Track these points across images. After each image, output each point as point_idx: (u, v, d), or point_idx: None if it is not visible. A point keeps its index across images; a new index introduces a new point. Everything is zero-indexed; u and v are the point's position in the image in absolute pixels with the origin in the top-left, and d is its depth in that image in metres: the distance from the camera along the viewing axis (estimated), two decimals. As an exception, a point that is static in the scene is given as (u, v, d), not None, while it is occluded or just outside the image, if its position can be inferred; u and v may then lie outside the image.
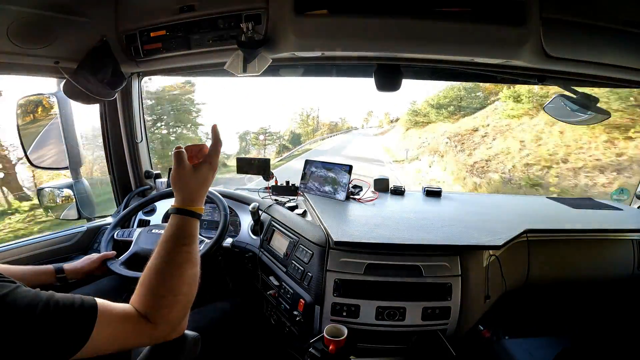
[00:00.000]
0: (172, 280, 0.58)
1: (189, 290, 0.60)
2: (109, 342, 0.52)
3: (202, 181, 0.66)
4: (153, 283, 0.58)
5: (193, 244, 0.63)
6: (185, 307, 0.60)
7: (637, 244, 1.34)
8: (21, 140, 1.33)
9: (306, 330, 1.06)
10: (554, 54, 0.98)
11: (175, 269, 0.59)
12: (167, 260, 0.60)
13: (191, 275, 0.61)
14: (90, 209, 1.53)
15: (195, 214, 0.65)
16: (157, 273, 0.59)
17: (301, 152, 24.52)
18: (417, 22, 0.93)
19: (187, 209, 0.65)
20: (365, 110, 50.19)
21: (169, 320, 0.57)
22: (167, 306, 0.57)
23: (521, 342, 1.31)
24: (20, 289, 0.47)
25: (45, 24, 1.03)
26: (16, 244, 1.26)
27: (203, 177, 0.66)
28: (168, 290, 0.58)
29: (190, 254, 0.62)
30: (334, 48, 1.03)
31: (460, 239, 1.07)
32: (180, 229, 0.63)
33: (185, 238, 0.62)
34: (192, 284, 0.61)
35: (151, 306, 0.56)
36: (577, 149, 8.37)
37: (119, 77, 1.27)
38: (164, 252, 0.61)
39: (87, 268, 1.08)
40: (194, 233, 0.64)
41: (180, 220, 0.64)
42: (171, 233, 0.63)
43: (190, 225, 0.64)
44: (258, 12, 1.02)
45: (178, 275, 0.59)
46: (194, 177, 0.66)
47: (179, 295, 0.58)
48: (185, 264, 0.60)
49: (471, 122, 14.04)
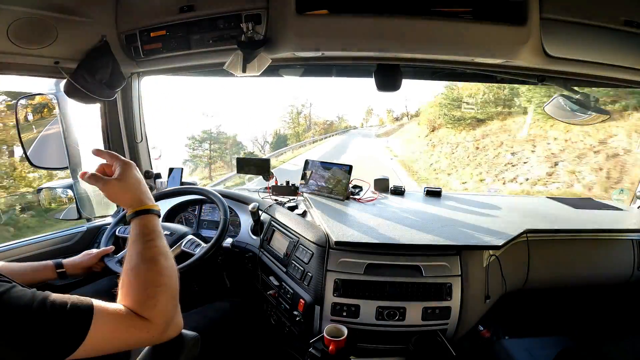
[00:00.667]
0: (148, 273, 0.60)
1: (168, 281, 0.61)
2: (106, 341, 0.52)
3: (131, 182, 0.68)
4: (132, 280, 0.59)
5: (158, 238, 0.65)
6: (173, 298, 0.61)
7: (637, 244, 1.34)
8: (21, 140, 1.33)
9: (306, 330, 1.06)
10: (554, 53, 0.98)
11: (149, 263, 0.61)
12: (140, 258, 0.61)
13: (167, 267, 0.63)
14: (90, 209, 1.53)
15: (148, 211, 0.68)
16: (132, 270, 0.60)
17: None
18: (417, 22, 0.93)
19: (138, 210, 0.67)
20: (364, 107, 44.96)
21: (160, 310, 0.58)
22: (152, 296, 0.58)
23: (521, 342, 1.31)
24: (16, 288, 0.48)
25: (45, 24, 1.03)
26: (16, 243, 1.26)
27: (128, 179, 0.68)
28: (149, 282, 0.59)
29: (159, 248, 0.64)
30: (334, 48, 1.03)
31: (460, 239, 1.07)
32: (142, 228, 0.65)
33: (149, 234, 0.65)
34: (170, 275, 0.62)
35: (137, 300, 0.57)
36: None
37: (118, 77, 1.27)
38: (134, 251, 0.63)
39: (85, 263, 1.09)
40: (156, 229, 0.67)
41: (139, 220, 0.66)
42: (135, 234, 0.65)
43: (150, 222, 0.67)
44: (258, 12, 1.02)
45: (153, 268, 0.61)
46: (122, 185, 0.67)
47: (160, 286, 0.59)
48: (157, 257, 0.62)
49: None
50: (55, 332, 0.46)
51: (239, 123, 33.97)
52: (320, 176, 1.50)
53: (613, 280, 1.35)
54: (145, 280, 0.59)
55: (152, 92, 2.69)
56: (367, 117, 42.05)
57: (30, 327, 0.45)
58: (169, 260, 0.65)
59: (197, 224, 1.58)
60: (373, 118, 41.69)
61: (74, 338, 0.48)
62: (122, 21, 1.17)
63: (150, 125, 1.67)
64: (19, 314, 0.45)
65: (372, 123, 41.05)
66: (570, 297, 1.48)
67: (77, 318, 0.49)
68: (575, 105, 1.21)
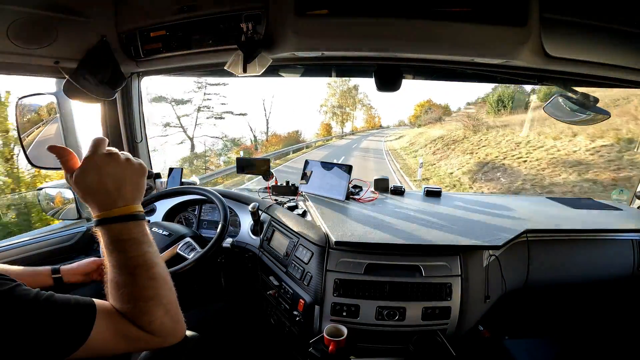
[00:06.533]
0: (131, 288, 0.53)
1: (156, 293, 0.54)
2: (107, 342, 0.51)
3: (94, 182, 0.53)
4: (114, 293, 0.53)
5: (135, 247, 0.54)
6: (168, 311, 0.55)
7: (637, 244, 1.34)
8: (21, 139, 1.33)
9: (306, 330, 1.06)
10: (554, 54, 0.98)
11: (128, 277, 0.53)
12: (117, 272, 0.53)
13: (152, 277, 0.54)
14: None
15: (116, 218, 0.53)
16: (112, 282, 0.54)
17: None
18: (417, 22, 0.93)
19: (102, 217, 0.54)
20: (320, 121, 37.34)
21: (157, 326, 0.53)
22: (145, 312, 0.52)
23: (521, 342, 1.31)
24: (21, 287, 0.48)
25: (45, 24, 1.03)
26: (16, 243, 1.26)
27: (89, 178, 0.53)
28: (134, 297, 0.53)
29: (137, 259, 0.53)
30: (334, 48, 1.03)
31: (460, 239, 1.07)
32: (110, 239, 0.53)
33: (119, 245, 0.53)
34: (157, 287, 0.54)
35: (130, 314, 0.52)
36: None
37: (118, 77, 1.27)
38: (109, 263, 0.54)
39: (82, 269, 1.06)
40: (130, 237, 0.54)
41: (103, 231, 0.54)
42: (104, 246, 0.54)
43: (118, 231, 0.53)
44: (258, 13, 1.02)
45: (135, 282, 0.53)
46: (80, 182, 0.53)
47: (150, 300, 0.53)
48: (136, 270, 0.53)
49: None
50: (58, 330, 0.46)
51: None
52: (320, 176, 1.50)
53: (613, 280, 1.35)
54: (128, 292, 0.53)
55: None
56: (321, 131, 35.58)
57: (35, 324, 0.45)
58: (153, 268, 0.55)
59: (197, 224, 1.58)
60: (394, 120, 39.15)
61: (76, 336, 0.47)
62: (122, 21, 1.16)
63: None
64: (23, 310, 0.45)
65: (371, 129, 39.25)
66: (570, 297, 1.48)
67: (80, 316, 0.49)
68: (575, 105, 1.21)
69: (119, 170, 0.55)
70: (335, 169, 1.47)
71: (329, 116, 35.84)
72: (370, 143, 26.07)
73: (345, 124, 37.01)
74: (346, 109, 36.25)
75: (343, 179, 1.44)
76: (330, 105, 35.74)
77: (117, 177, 0.54)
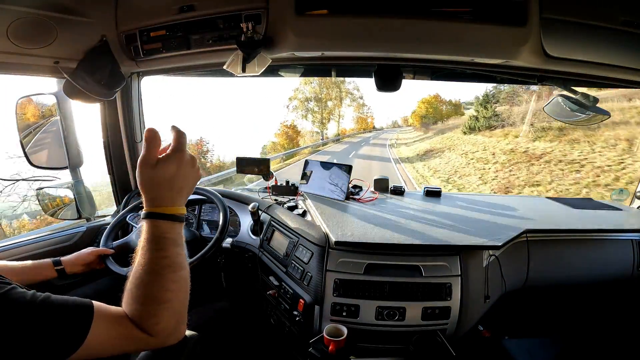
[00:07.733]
0: (152, 288, 0.54)
1: (174, 297, 0.56)
2: (105, 344, 0.51)
3: (168, 178, 0.56)
4: (134, 292, 0.55)
5: (172, 247, 0.57)
6: (177, 314, 0.56)
7: (637, 244, 1.34)
8: (20, 139, 1.33)
9: (306, 330, 1.06)
10: (554, 54, 0.98)
11: (153, 276, 0.55)
12: (146, 269, 0.55)
13: (175, 280, 0.56)
14: (90, 209, 1.53)
15: (167, 216, 0.57)
16: (136, 280, 0.55)
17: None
18: (417, 22, 0.93)
19: (155, 211, 0.57)
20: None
21: (162, 328, 0.54)
22: (154, 314, 0.54)
23: (521, 342, 1.31)
24: (16, 289, 0.47)
25: (45, 24, 1.02)
26: (16, 243, 1.26)
27: (168, 172, 0.56)
28: (151, 299, 0.54)
29: (169, 259, 0.56)
30: (334, 48, 1.03)
31: (460, 239, 1.07)
32: (152, 235, 0.56)
33: (159, 243, 0.56)
34: (176, 290, 0.56)
35: (138, 316, 0.53)
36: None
37: (118, 77, 1.27)
38: (142, 259, 0.56)
39: (82, 260, 1.08)
40: (171, 236, 0.57)
41: (151, 224, 0.57)
42: (144, 239, 0.57)
43: (164, 229, 0.56)
44: (258, 12, 1.02)
45: (158, 283, 0.55)
46: (159, 173, 0.55)
47: (164, 303, 0.54)
48: (164, 271, 0.55)
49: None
50: (56, 333, 0.46)
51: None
52: (320, 176, 1.50)
53: (613, 280, 1.35)
54: (147, 295, 0.54)
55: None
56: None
57: (32, 326, 0.45)
58: (179, 271, 0.57)
59: (197, 224, 1.58)
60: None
61: (74, 338, 0.47)
62: (122, 21, 1.16)
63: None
64: (20, 313, 0.45)
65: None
66: (570, 297, 1.48)
67: (77, 319, 0.49)
68: (574, 105, 1.21)
69: (191, 173, 0.59)
70: (335, 169, 1.47)
71: (301, 114, 25.95)
72: (373, 162, 15.15)
73: (326, 125, 25.81)
74: (328, 103, 24.67)
75: (343, 179, 1.44)
76: (303, 98, 23.77)
77: (186, 178, 0.58)
